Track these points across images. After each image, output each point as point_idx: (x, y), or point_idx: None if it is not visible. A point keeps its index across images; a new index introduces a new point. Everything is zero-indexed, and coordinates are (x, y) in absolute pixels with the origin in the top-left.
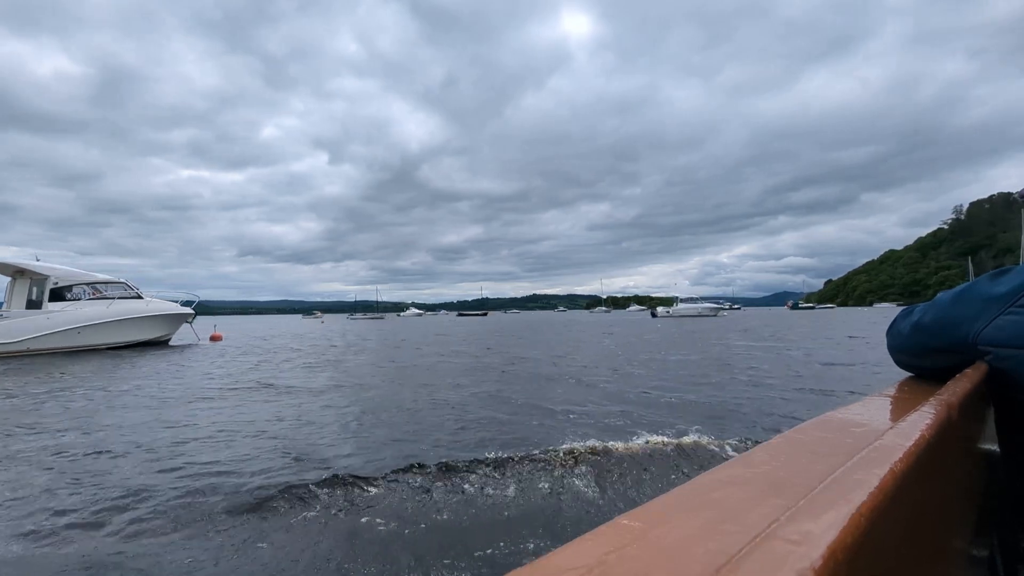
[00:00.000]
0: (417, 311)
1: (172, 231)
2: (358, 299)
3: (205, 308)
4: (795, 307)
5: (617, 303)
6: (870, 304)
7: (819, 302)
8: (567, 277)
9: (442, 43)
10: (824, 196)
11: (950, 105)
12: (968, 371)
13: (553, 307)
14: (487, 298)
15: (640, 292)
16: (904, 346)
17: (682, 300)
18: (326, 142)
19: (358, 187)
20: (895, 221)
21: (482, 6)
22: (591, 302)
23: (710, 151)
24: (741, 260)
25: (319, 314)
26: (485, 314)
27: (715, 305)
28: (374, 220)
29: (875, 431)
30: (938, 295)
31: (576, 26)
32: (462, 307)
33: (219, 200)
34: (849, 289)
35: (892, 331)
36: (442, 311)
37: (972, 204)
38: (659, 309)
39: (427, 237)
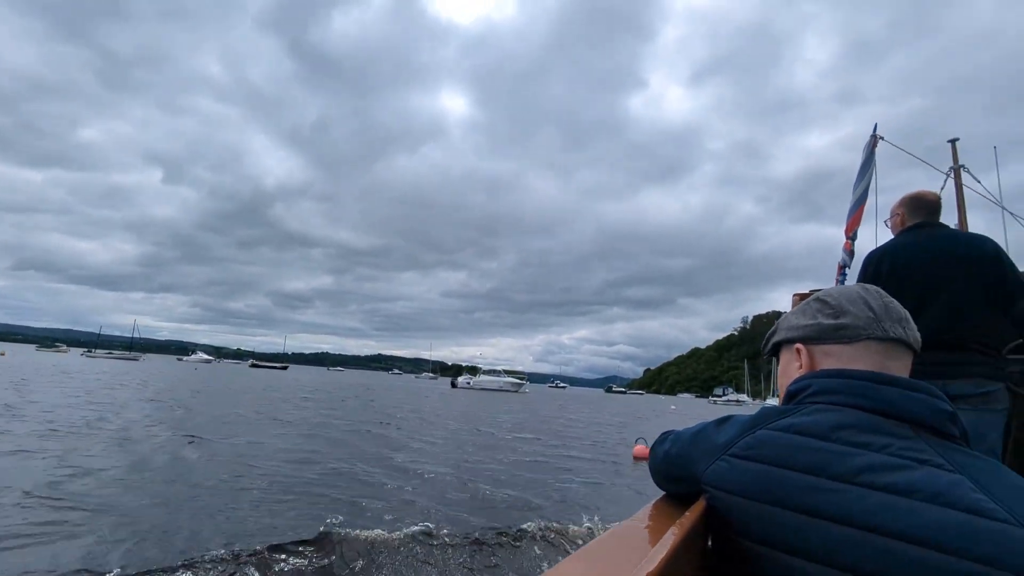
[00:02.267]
0: (206, 356)
1: None
2: (170, 338)
3: None
4: (609, 391)
5: (461, 370)
6: (675, 393)
7: (639, 388)
8: (417, 340)
9: (319, 88)
10: (652, 295)
11: (745, 236)
12: (696, 504)
13: (389, 369)
14: (327, 353)
15: (486, 363)
16: (658, 469)
17: (485, 372)
18: (164, 158)
19: (195, 213)
20: (703, 324)
21: (367, 64)
22: (433, 368)
23: (563, 240)
24: (580, 343)
25: (62, 346)
26: (285, 367)
27: (518, 380)
28: (209, 253)
29: (628, 558)
30: (683, 430)
31: (455, 105)
32: (296, 360)
33: (2, 199)
34: (663, 378)
35: (652, 452)
36: (250, 359)
37: (755, 317)
38: (460, 379)
39: (270, 280)
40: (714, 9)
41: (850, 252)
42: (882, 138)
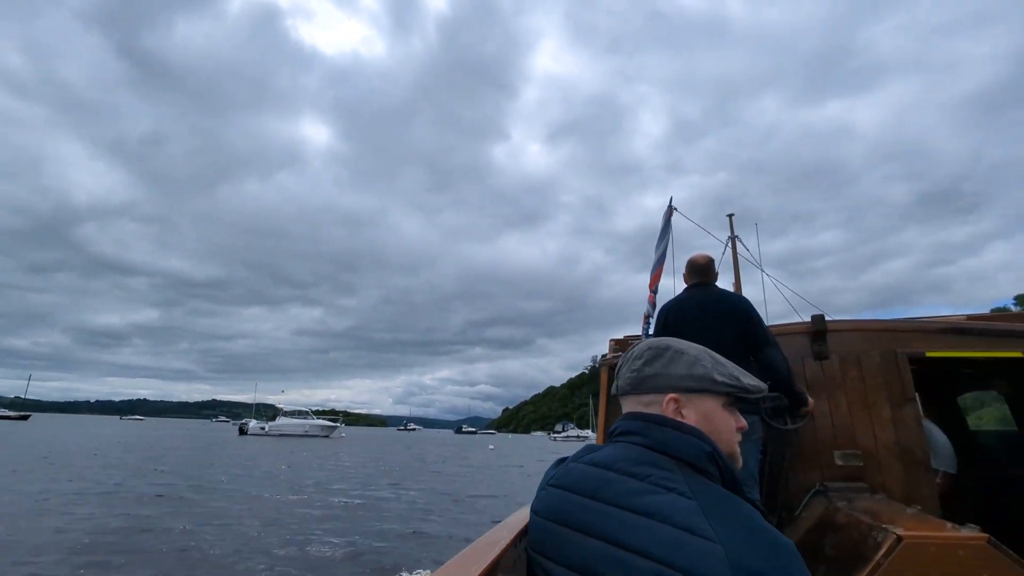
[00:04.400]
0: None
1: None
2: None
3: None
4: (459, 432)
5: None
6: (530, 432)
7: (497, 428)
8: (263, 383)
9: (154, 98)
10: (513, 336)
11: (595, 283)
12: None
13: (214, 416)
14: (145, 400)
15: (341, 406)
16: None
17: (285, 414)
18: None
19: None
20: (559, 364)
21: (215, 79)
22: (277, 413)
23: (426, 279)
24: (442, 383)
25: None
26: (26, 417)
27: (329, 423)
28: None
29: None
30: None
31: (316, 134)
32: (102, 409)
33: None
34: (520, 417)
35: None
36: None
37: (603, 356)
38: (252, 424)
39: (71, 312)
40: (568, 78)
41: (653, 304)
42: (676, 209)
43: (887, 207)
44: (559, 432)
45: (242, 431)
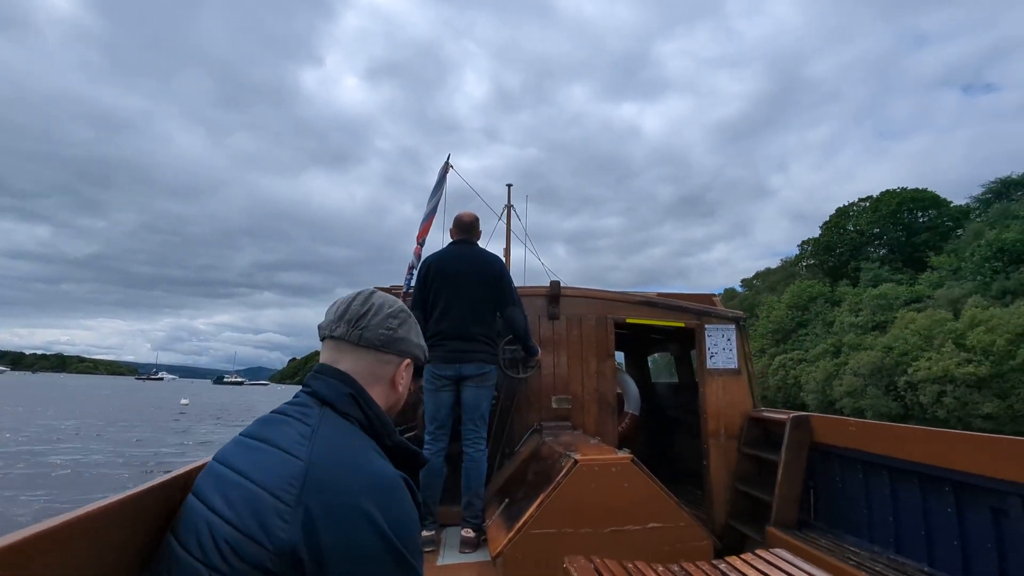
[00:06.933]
0: None
1: None
2: None
3: None
4: (218, 381)
5: (22, 360)
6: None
7: (281, 379)
8: None
9: None
10: (309, 283)
11: (404, 236)
12: None
13: None
14: None
15: (78, 351)
16: None
17: None
18: None
19: None
20: None
21: None
22: None
23: (207, 208)
24: (219, 329)
25: None
26: None
27: None
28: None
29: None
30: None
31: None
32: None
33: None
34: (308, 368)
35: None
36: None
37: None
38: None
39: None
40: (394, 14)
41: (418, 256)
42: (452, 167)
43: (655, 203)
44: None
45: None
